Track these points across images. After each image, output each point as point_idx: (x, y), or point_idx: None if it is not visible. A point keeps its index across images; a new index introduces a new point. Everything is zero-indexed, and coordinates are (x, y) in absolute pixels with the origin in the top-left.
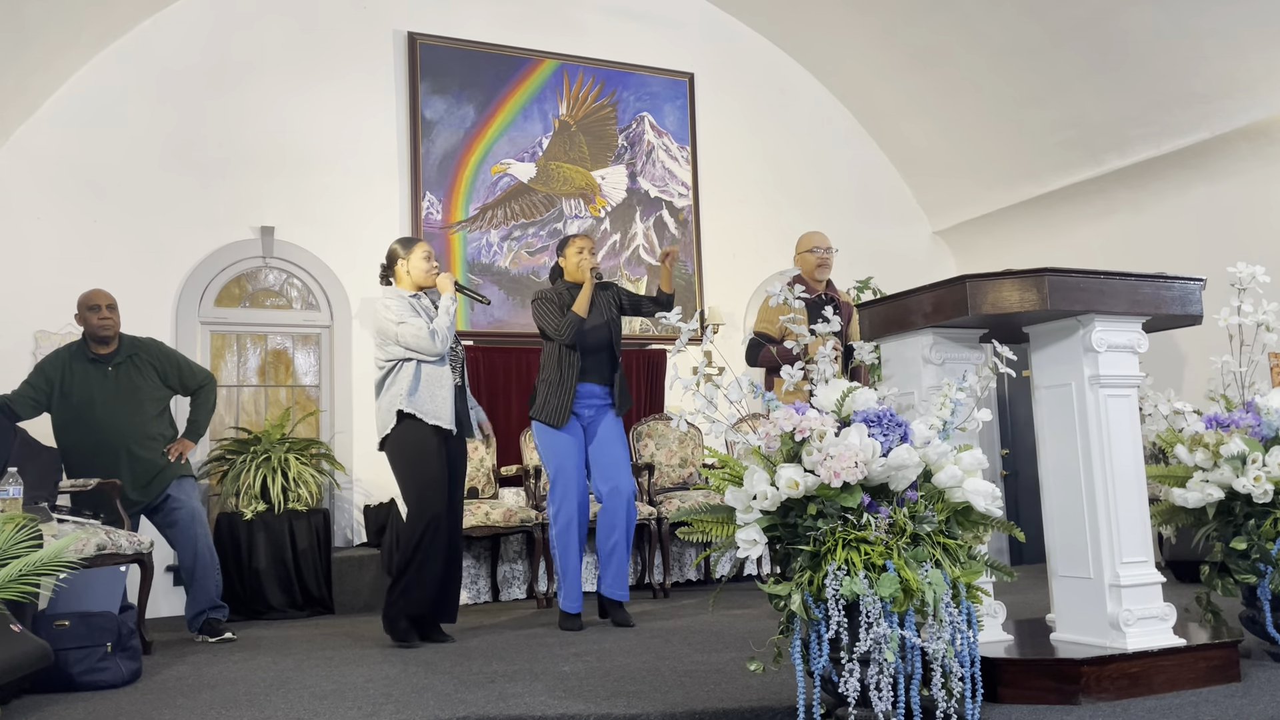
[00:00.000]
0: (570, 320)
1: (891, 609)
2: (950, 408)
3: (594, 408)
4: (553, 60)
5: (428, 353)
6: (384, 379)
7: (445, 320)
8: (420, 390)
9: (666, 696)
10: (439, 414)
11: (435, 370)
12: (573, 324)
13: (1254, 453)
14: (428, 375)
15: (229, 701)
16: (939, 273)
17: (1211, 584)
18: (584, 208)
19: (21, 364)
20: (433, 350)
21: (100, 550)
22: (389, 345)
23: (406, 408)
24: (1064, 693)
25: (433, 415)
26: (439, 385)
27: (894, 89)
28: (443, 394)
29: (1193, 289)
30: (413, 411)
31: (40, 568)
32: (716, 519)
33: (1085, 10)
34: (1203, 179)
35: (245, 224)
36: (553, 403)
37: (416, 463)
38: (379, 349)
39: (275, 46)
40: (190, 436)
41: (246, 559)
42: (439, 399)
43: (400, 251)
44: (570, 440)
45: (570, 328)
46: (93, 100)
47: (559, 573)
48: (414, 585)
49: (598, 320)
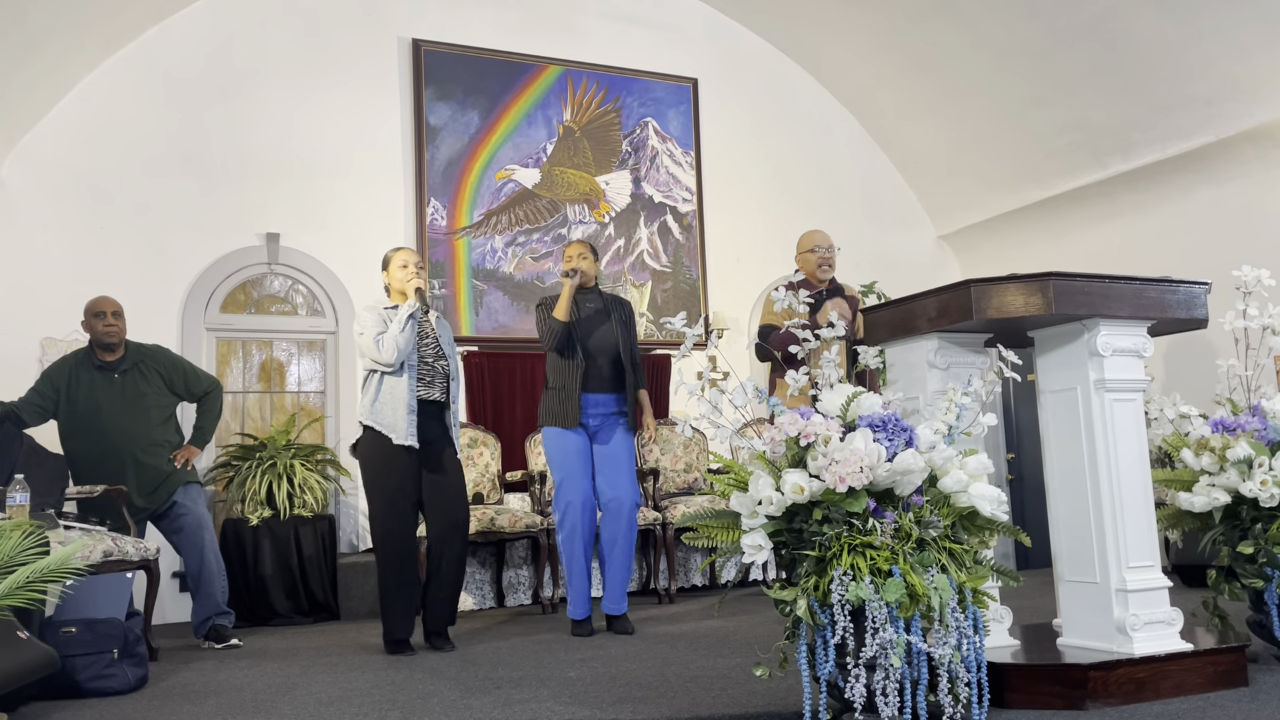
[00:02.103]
0: (551, 328)
1: (897, 614)
2: (955, 412)
3: (600, 417)
4: (556, 66)
5: (380, 363)
6: (361, 390)
7: (395, 328)
8: (380, 402)
9: (672, 702)
10: (395, 427)
11: (393, 382)
12: (555, 332)
13: (1260, 456)
14: (387, 387)
15: (235, 708)
16: (943, 277)
17: (1218, 588)
18: (588, 213)
19: (28, 371)
20: (381, 360)
21: (106, 557)
22: (362, 356)
23: (367, 419)
24: (1071, 698)
25: (389, 428)
26: (396, 398)
27: (897, 93)
28: (399, 407)
29: (1198, 292)
30: (371, 424)
31: (47, 574)
32: (722, 524)
33: (1089, 13)
34: (1207, 182)
35: (251, 230)
36: (558, 408)
37: (372, 476)
38: (360, 360)
39: (280, 54)
40: (196, 443)
41: (252, 565)
42: (396, 413)
43: (386, 261)
44: (576, 446)
45: (553, 335)
46: (98, 108)
47: (566, 578)
48: (386, 608)
49: (596, 328)
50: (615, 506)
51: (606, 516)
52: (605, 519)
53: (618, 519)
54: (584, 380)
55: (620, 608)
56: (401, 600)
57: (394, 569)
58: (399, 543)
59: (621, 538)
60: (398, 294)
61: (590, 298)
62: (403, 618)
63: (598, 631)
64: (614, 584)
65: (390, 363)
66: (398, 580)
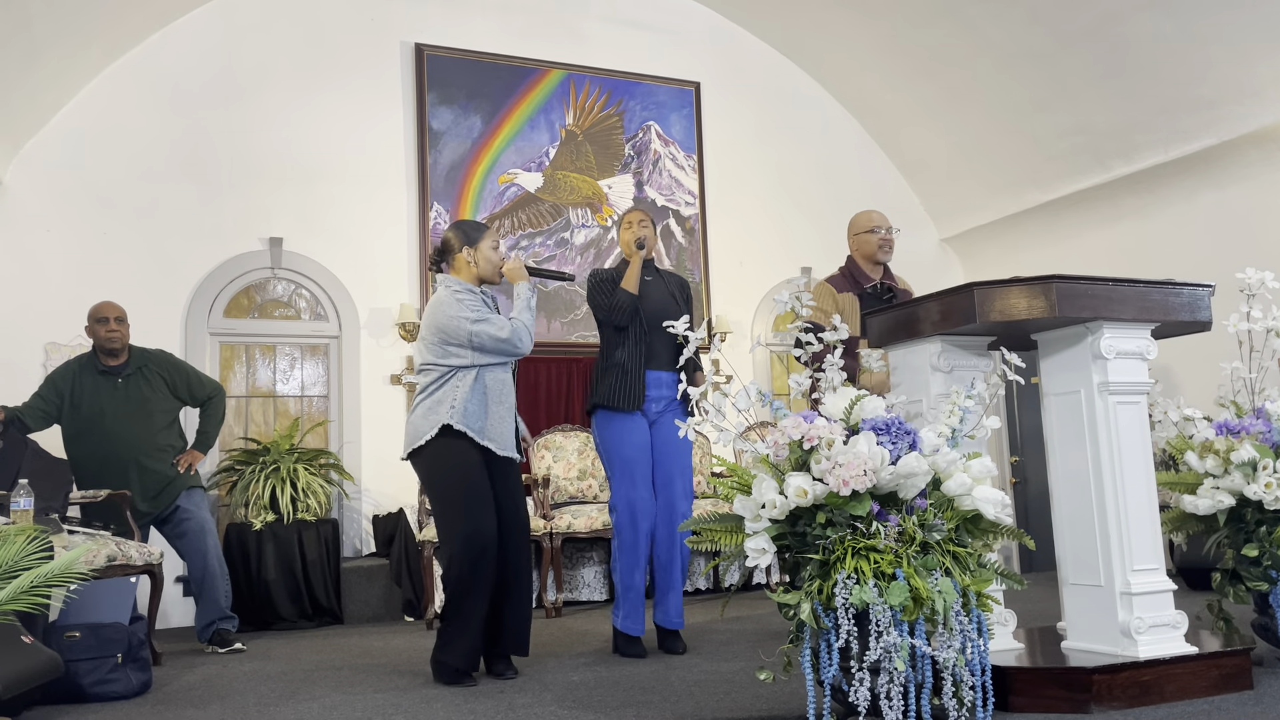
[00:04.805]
0: (621, 300)
1: (901, 617)
2: (959, 415)
3: (662, 401)
4: (559, 70)
5: (510, 355)
6: (431, 385)
7: (529, 316)
8: (477, 405)
9: (676, 706)
10: (497, 435)
11: (500, 380)
12: (624, 304)
13: (1265, 459)
14: (492, 387)
15: (239, 712)
16: (947, 280)
17: (1223, 591)
18: (591, 217)
19: (32, 376)
20: (516, 353)
21: (110, 561)
22: (452, 346)
23: (457, 424)
24: (1075, 701)
25: (488, 435)
26: (501, 400)
27: (900, 96)
28: (505, 410)
29: (1201, 295)
30: (464, 429)
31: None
32: (725, 528)
33: (1092, 16)
34: (1210, 185)
35: (254, 235)
36: (620, 387)
37: (453, 481)
38: (432, 350)
39: (283, 59)
40: (199, 448)
41: (256, 569)
42: (500, 416)
43: (460, 240)
44: (640, 436)
45: (622, 309)
46: (102, 114)
47: (619, 588)
48: (460, 634)
49: (657, 302)
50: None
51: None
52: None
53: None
54: (648, 356)
55: (680, 622)
56: (478, 620)
57: (480, 580)
58: (489, 546)
59: (680, 542)
60: (477, 277)
61: (647, 270)
62: (476, 641)
63: (600, 637)
64: (674, 595)
65: (527, 352)
66: (481, 594)
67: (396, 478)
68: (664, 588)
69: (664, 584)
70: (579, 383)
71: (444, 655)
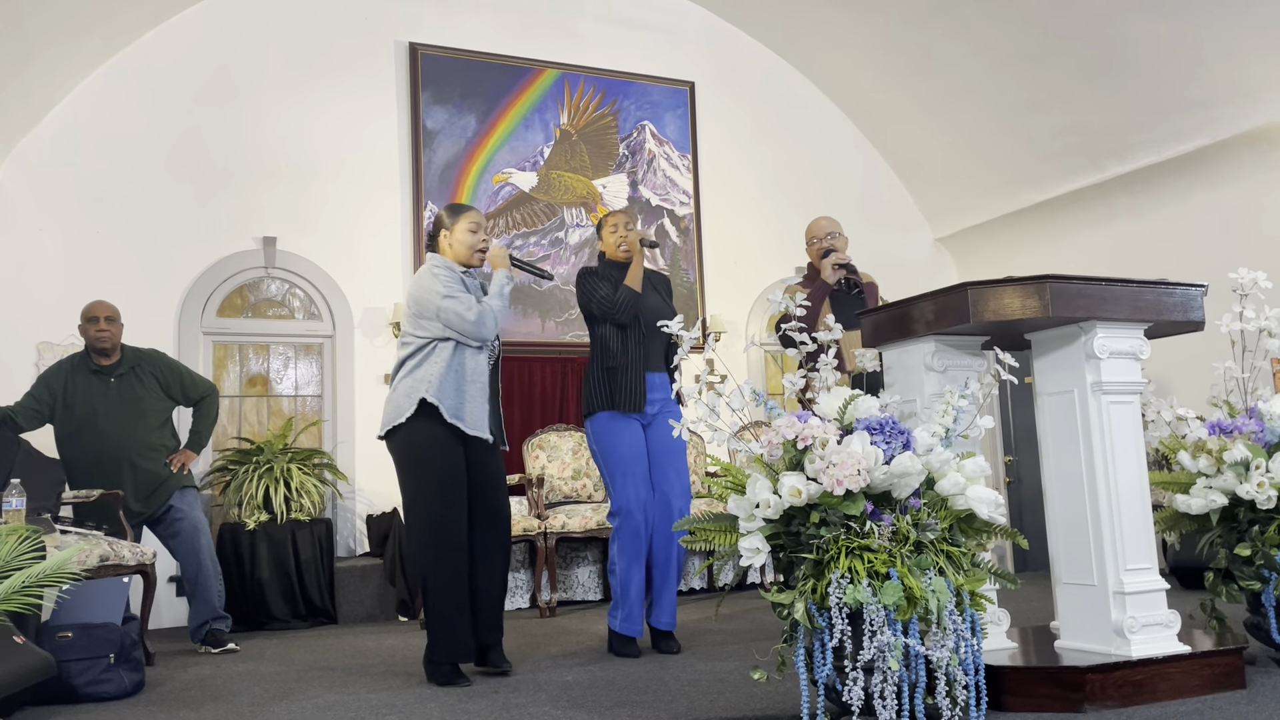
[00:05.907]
0: (625, 296)
1: (895, 617)
2: (952, 415)
3: (658, 402)
4: (554, 70)
5: (472, 337)
6: (409, 358)
7: (499, 303)
8: (451, 380)
9: (670, 706)
10: (465, 415)
11: (475, 361)
12: (628, 300)
13: (1257, 459)
14: (467, 366)
15: (232, 713)
16: (940, 280)
17: (1216, 590)
18: (585, 216)
19: (24, 375)
20: (479, 336)
21: (103, 561)
22: (425, 319)
23: (431, 397)
24: (1069, 700)
25: (455, 413)
26: (473, 381)
27: (895, 96)
28: (477, 391)
29: (1194, 295)
30: (436, 403)
31: (43, 579)
32: (719, 527)
33: (1085, 17)
34: (1204, 185)
35: (247, 234)
36: (620, 387)
37: (428, 464)
38: (411, 322)
39: (277, 58)
40: (192, 447)
41: (249, 569)
42: (472, 396)
43: (445, 220)
44: (638, 437)
45: (626, 305)
46: (95, 112)
47: (617, 588)
48: (439, 625)
49: (654, 300)
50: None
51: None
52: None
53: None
54: (647, 357)
55: (673, 623)
56: (461, 613)
57: (450, 570)
58: (456, 533)
59: (676, 543)
60: (457, 259)
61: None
62: (465, 635)
63: (593, 637)
64: (669, 595)
65: (488, 339)
66: (453, 584)
67: (390, 477)
68: (660, 588)
69: (660, 584)
70: (573, 382)
71: (432, 654)
